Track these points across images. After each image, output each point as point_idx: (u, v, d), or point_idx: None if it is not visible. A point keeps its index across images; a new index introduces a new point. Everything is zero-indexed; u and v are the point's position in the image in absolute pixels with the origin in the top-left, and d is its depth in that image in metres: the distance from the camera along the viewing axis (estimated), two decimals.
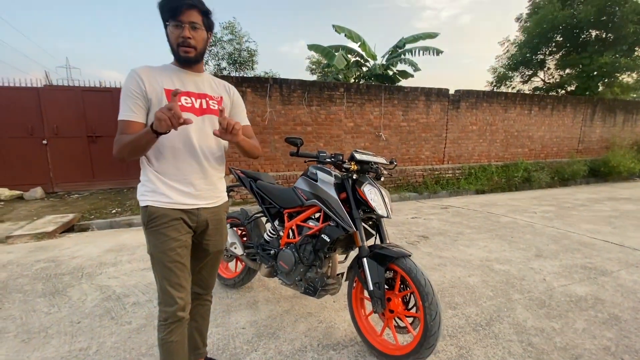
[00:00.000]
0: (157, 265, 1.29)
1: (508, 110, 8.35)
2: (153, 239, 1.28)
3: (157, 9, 1.22)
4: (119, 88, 6.77)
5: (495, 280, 2.64)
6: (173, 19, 1.20)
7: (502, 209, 5.38)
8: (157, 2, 1.22)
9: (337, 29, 9.34)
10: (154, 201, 1.26)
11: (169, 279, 1.28)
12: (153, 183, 1.27)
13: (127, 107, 1.20)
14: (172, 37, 1.23)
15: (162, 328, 1.31)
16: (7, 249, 3.70)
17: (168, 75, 1.27)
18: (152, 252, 1.29)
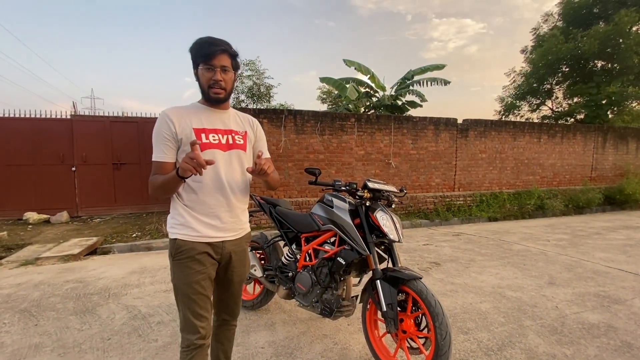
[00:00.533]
0: (181, 295, 1.34)
1: (517, 139, 8.48)
2: (178, 271, 1.33)
3: (189, 52, 1.32)
4: (144, 118, 7.25)
5: (507, 307, 2.68)
6: (205, 63, 1.28)
7: (514, 236, 5.38)
8: (190, 47, 1.31)
9: (347, 62, 9.85)
10: (183, 234, 1.32)
11: (191, 309, 1.33)
12: (182, 216, 1.33)
13: (159, 149, 1.29)
14: (204, 79, 1.31)
15: (185, 354, 1.35)
16: (37, 269, 3.92)
17: (196, 114, 1.35)
18: (176, 283, 1.34)
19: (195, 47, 1.30)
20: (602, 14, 10.66)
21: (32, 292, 3.10)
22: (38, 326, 2.43)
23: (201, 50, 1.29)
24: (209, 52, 1.28)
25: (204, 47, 1.29)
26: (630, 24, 9.38)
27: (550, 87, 12.10)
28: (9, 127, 6.40)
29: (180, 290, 1.34)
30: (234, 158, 1.40)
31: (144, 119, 7.22)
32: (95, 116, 7.34)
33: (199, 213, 1.34)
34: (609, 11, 10.30)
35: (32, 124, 6.51)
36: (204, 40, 1.30)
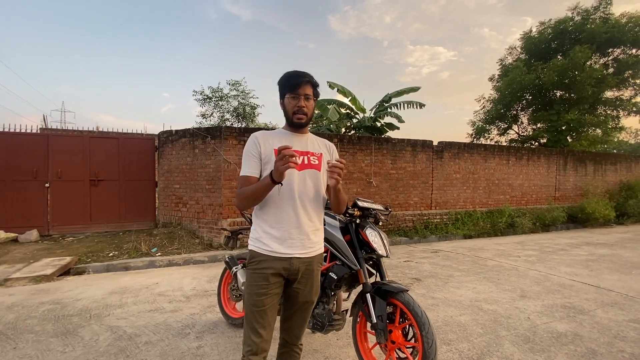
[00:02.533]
0: (246, 304, 1.46)
1: (488, 160, 9.03)
2: (249, 279, 1.45)
3: (277, 84, 1.51)
4: (125, 134, 7.20)
5: (484, 319, 2.85)
6: (292, 92, 1.46)
7: (488, 253, 5.68)
8: (279, 80, 1.50)
9: (330, 84, 10.23)
10: (256, 247, 1.45)
11: (250, 321, 1.43)
12: (257, 232, 1.47)
13: (247, 165, 1.46)
14: (289, 106, 1.47)
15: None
16: (8, 291, 3.72)
17: (279, 137, 1.50)
18: (246, 291, 1.46)
19: (284, 79, 1.49)
20: (560, 49, 11.79)
21: (6, 314, 2.96)
22: (17, 349, 2.34)
23: (289, 82, 1.46)
24: (295, 82, 1.45)
25: (291, 79, 1.46)
26: (584, 59, 10.43)
27: (516, 113, 13.05)
28: None
29: (247, 300, 1.46)
30: (308, 177, 1.49)
31: (125, 135, 7.13)
32: (73, 131, 7.18)
33: (272, 228, 1.44)
34: (565, 46, 11.42)
35: (5, 137, 6.27)
36: (291, 74, 1.48)
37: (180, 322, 2.80)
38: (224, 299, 2.81)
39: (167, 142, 7.00)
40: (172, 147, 6.90)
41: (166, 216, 7.02)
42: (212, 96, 10.66)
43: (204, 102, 10.78)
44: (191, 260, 5.30)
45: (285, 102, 1.49)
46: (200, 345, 2.39)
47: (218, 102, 10.57)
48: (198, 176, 6.42)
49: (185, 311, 3.05)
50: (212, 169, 6.23)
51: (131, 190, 7.01)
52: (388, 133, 11.21)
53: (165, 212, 7.04)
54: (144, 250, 5.58)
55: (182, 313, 3.01)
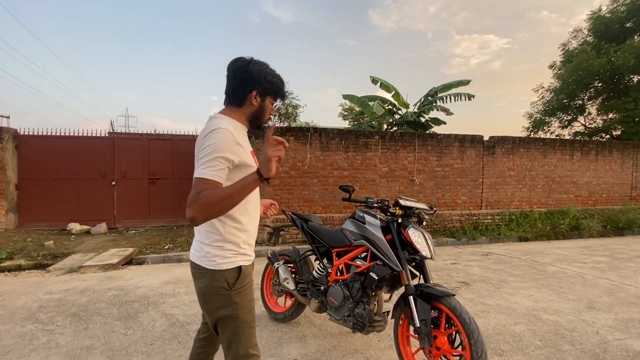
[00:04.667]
0: (242, 327, 1.23)
1: (548, 156, 8.23)
2: (241, 300, 1.23)
3: (273, 87, 1.32)
4: (178, 136, 7.74)
5: (543, 330, 2.60)
6: (280, 99, 1.38)
7: (548, 257, 5.18)
8: (281, 83, 1.35)
9: (374, 79, 10.05)
10: (245, 260, 1.27)
11: (251, 340, 1.25)
12: (238, 244, 1.25)
13: (215, 167, 1.14)
14: (268, 109, 1.35)
15: None
16: (81, 277, 4.19)
17: (243, 134, 1.31)
18: (239, 314, 1.22)
19: (282, 85, 1.36)
20: (637, 28, 10.34)
21: (79, 298, 3.34)
22: (87, 329, 2.62)
23: (281, 89, 1.36)
24: (284, 93, 1.40)
25: (283, 88, 1.37)
26: None
27: (582, 102, 11.72)
28: (55, 144, 6.98)
29: (243, 321, 1.23)
30: None
31: (178, 137, 7.67)
32: (134, 134, 7.88)
33: (250, 236, 1.32)
34: None
35: (76, 141, 7.07)
36: (282, 79, 1.36)
37: None
38: (267, 294, 2.89)
39: None
40: None
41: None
42: None
43: None
44: None
45: (266, 104, 1.34)
46: None
47: None
48: None
49: None
50: None
51: (183, 187, 7.52)
52: (433, 128, 10.73)
53: None
54: None
55: None
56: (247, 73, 1.28)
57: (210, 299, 1.24)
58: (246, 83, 1.28)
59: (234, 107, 1.32)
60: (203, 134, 1.20)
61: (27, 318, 2.80)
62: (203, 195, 1.09)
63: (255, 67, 1.28)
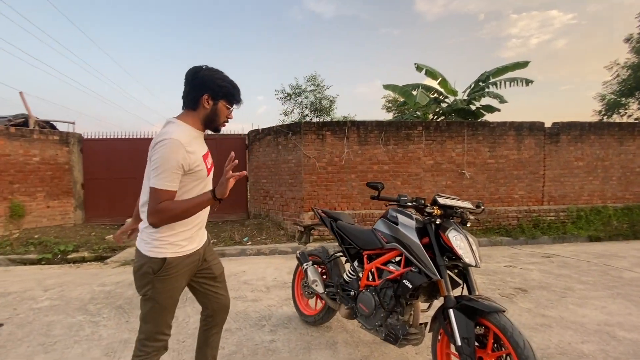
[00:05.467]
0: (157, 309, 1.41)
1: (625, 143, 7.10)
2: (162, 286, 1.38)
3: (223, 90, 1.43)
4: (222, 135, 8.05)
5: (618, 351, 2.16)
6: (235, 104, 1.49)
7: (625, 261, 4.43)
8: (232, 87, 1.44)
9: (418, 66, 9.49)
10: (174, 252, 1.39)
11: (165, 321, 1.46)
12: (178, 235, 1.40)
13: (172, 178, 1.30)
14: (223, 113, 1.46)
15: None
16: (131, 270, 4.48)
17: (195, 140, 1.42)
18: (157, 297, 1.39)
19: (230, 88, 1.44)
20: None
21: (127, 290, 3.54)
22: (128, 322, 2.74)
23: (235, 94, 1.47)
24: (240, 99, 1.50)
25: (239, 93, 1.48)
26: None
27: None
28: (114, 146, 7.60)
29: (160, 304, 1.41)
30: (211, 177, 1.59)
31: (222, 136, 7.94)
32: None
33: (194, 227, 1.47)
34: None
35: (132, 143, 7.63)
36: (236, 87, 1.47)
37: (258, 313, 2.89)
38: (297, 295, 2.79)
39: (255, 140, 7.51)
40: (259, 144, 7.36)
41: (256, 208, 7.57)
42: (291, 93, 11.13)
43: (285, 100, 11.35)
44: (276, 251, 5.56)
45: (219, 107, 1.44)
46: (273, 340, 2.41)
47: (297, 99, 10.98)
48: (281, 171, 6.70)
49: (264, 302, 3.16)
50: (293, 163, 6.41)
51: None
52: (485, 117, 9.84)
53: (255, 204, 7.59)
54: (236, 239, 6.10)
55: (261, 304, 3.12)
56: (198, 78, 1.40)
57: (137, 278, 1.42)
58: (198, 88, 1.40)
59: (189, 110, 1.45)
60: (155, 141, 1.33)
61: (78, 309, 3.03)
62: (164, 208, 1.30)
63: (206, 73, 1.41)
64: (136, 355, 1.44)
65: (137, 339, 1.47)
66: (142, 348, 1.44)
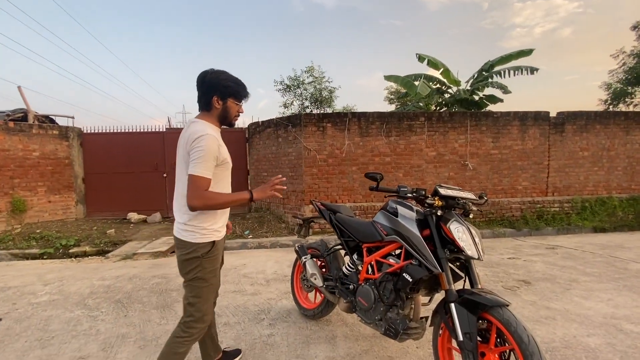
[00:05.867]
0: (209, 287, 1.63)
1: (631, 132, 6.96)
2: (210, 265, 1.61)
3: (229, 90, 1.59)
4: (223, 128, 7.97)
5: (625, 345, 2.10)
6: (242, 100, 1.67)
7: (630, 252, 4.36)
8: (223, 81, 1.57)
9: (420, 56, 9.32)
10: (218, 236, 1.64)
11: (211, 302, 1.69)
12: (217, 222, 1.63)
13: (210, 168, 1.51)
14: (233, 110, 1.64)
15: (188, 343, 1.60)
16: (133, 264, 4.47)
17: (218, 135, 1.61)
18: (207, 277, 1.60)
19: (235, 86, 1.61)
20: None
21: (126, 285, 3.52)
22: (127, 317, 2.72)
23: (241, 91, 1.64)
24: (245, 93, 1.67)
25: (243, 89, 1.64)
26: None
27: None
28: (113, 140, 7.56)
29: (209, 281, 1.62)
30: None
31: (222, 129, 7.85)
32: (182, 128, 8.23)
33: (225, 217, 1.75)
34: None
35: (131, 137, 7.59)
36: (240, 84, 1.63)
37: (257, 307, 2.86)
38: (297, 288, 2.75)
39: (255, 133, 7.43)
40: (259, 137, 7.29)
41: (257, 202, 7.53)
42: (291, 85, 10.95)
43: (285, 91, 11.18)
44: (277, 244, 5.53)
45: (228, 105, 1.62)
46: (271, 334, 2.38)
47: (296, 90, 10.82)
48: (282, 164, 6.64)
49: (263, 295, 3.13)
50: (294, 156, 6.35)
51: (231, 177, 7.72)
52: (489, 107, 9.68)
53: None
54: (238, 233, 6.08)
55: (261, 297, 3.09)
56: (206, 82, 1.59)
57: (185, 264, 1.59)
58: (207, 91, 1.59)
59: (205, 112, 1.64)
60: (191, 137, 1.49)
61: (77, 303, 3.01)
62: (209, 196, 1.51)
63: (212, 76, 1.59)
64: (179, 337, 1.60)
65: (181, 322, 1.62)
66: (187, 330, 1.59)
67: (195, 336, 1.61)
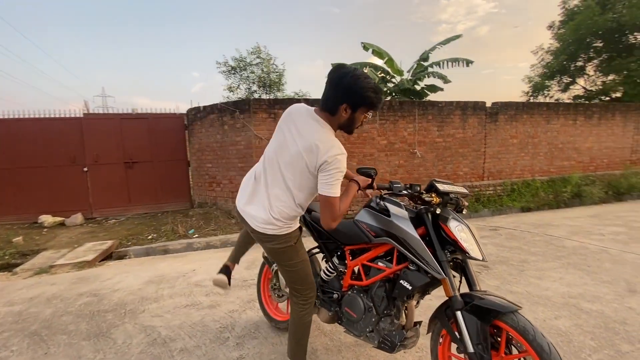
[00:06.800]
0: (306, 263, 1.72)
1: (550, 122, 7.84)
2: (301, 245, 1.71)
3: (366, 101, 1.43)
4: (154, 114, 6.98)
5: (590, 325, 2.24)
6: (372, 109, 1.48)
7: (561, 230, 4.88)
8: (374, 96, 1.42)
9: (365, 45, 9.29)
10: (298, 223, 1.71)
11: (310, 272, 1.76)
12: (298, 212, 1.62)
13: (339, 185, 1.47)
14: (359, 119, 1.50)
15: (310, 309, 1.75)
16: (51, 279, 3.67)
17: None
18: (305, 257, 1.72)
19: (376, 97, 1.43)
20: None
21: (44, 309, 2.83)
22: (48, 355, 2.14)
23: (375, 99, 1.44)
24: (379, 102, 1.46)
25: (378, 98, 1.45)
26: None
27: (583, 64, 11.23)
28: (17, 128, 6.19)
29: (305, 259, 1.72)
30: None
31: (154, 115, 6.90)
32: (104, 114, 7.09)
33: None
34: None
35: (41, 124, 6.27)
36: (377, 90, 1.43)
37: (219, 322, 2.48)
38: (265, 298, 2.43)
39: (195, 119, 6.69)
40: (201, 124, 6.58)
41: (201, 196, 6.86)
42: (236, 66, 10.08)
43: (229, 74, 10.24)
44: (229, 242, 5.07)
45: (356, 116, 1.47)
46: (241, 356, 2.05)
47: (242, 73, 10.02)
48: (229, 154, 6.08)
49: (223, 307, 2.74)
50: (243, 145, 5.84)
51: (165, 171, 6.87)
52: (429, 96, 10.13)
53: (200, 192, 6.87)
54: (181, 233, 5.44)
55: (220, 310, 2.70)
56: (342, 86, 1.41)
57: (279, 254, 1.66)
58: (340, 96, 1.42)
59: (327, 114, 1.49)
60: (328, 152, 1.41)
61: None
62: (341, 214, 1.49)
63: (349, 81, 1.39)
64: (300, 304, 1.72)
65: (295, 293, 1.73)
66: (304, 296, 1.72)
67: (311, 302, 1.74)
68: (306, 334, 1.75)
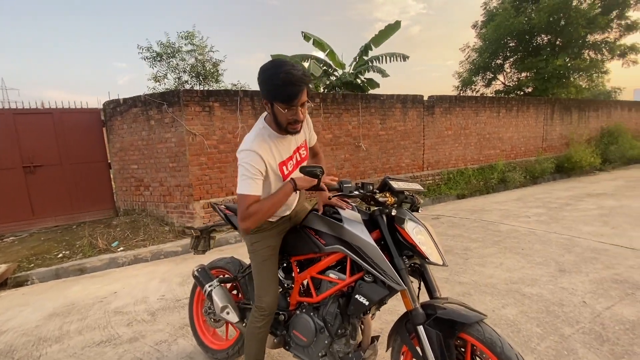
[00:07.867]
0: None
1: (479, 114, 8.45)
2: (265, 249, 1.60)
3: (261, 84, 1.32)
4: (61, 109, 5.89)
5: (534, 310, 2.29)
6: (286, 104, 1.30)
7: (493, 214, 5.21)
8: (263, 81, 1.30)
9: (305, 35, 9.03)
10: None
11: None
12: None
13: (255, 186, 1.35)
14: (282, 116, 1.34)
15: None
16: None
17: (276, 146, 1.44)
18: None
19: (275, 87, 1.28)
20: None
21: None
22: None
23: (283, 92, 1.28)
24: (291, 93, 1.28)
25: (285, 90, 1.27)
26: None
27: (502, 61, 12.39)
28: None
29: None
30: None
31: (61, 110, 5.82)
32: (6, 109, 5.75)
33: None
34: None
35: None
36: (283, 81, 1.26)
37: None
38: (199, 325, 2.05)
39: (115, 114, 5.80)
40: (122, 120, 5.72)
41: (127, 202, 6.01)
42: (162, 53, 8.90)
43: (155, 61, 8.98)
44: (161, 253, 4.48)
45: (275, 110, 1.35)
46: None
47: (171, 60, 8.96)
48: (158, 153, 5.38)
49: (148, 338, 2.28)
50: (174, 143, 5.20)
51: (79, 175, 5.87)
52: (370, 91, 10.28)
53: (125, 197, 6.02)
54: (101, 246, 4.67)
55: (145, 342, 2.24)
56: (259, 81, 1.35)
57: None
58: (261, 91, 1.36)
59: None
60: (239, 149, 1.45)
61: None
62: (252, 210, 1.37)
63: (264, 75, 1.32)
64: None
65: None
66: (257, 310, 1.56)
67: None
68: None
